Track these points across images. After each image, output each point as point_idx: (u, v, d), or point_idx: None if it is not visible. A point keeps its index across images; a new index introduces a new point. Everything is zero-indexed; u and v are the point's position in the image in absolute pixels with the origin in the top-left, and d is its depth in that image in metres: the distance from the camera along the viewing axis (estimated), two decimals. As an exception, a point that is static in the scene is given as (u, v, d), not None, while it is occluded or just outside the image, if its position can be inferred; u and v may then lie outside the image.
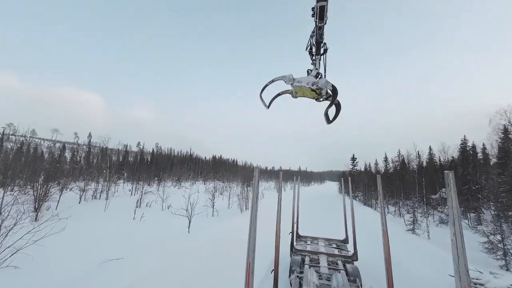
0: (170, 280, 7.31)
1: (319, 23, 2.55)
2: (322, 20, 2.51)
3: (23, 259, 7.96)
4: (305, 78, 2.68)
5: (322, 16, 2.46)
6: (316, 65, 2.93)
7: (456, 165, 25.81)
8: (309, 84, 2.58)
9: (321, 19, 2.49)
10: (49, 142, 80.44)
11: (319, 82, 2.55)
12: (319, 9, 2.38)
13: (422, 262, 10.07)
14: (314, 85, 2.55)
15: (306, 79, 2.66)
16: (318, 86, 2.53)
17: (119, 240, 11.84)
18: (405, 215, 22.55)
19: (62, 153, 44.35)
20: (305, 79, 2.66)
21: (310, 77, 2.72)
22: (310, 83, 2.59)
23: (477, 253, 11.84)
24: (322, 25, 2.59)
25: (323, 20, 2.52)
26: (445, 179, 2.12)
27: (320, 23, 2.55)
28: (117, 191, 28.08)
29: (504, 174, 17.53)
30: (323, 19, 2.50)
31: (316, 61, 2.95)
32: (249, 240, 2.89)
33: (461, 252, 1.89)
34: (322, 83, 2.53)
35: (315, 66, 2.94)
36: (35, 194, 15.56)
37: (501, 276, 7.11)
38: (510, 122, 19.85)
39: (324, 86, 2.51)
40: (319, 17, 2.47)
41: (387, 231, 4.52)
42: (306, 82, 2.62)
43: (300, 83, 2.64)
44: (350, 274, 6.57)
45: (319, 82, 2.55)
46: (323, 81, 2.53)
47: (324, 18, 2.49)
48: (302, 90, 2.68)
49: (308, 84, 2.58)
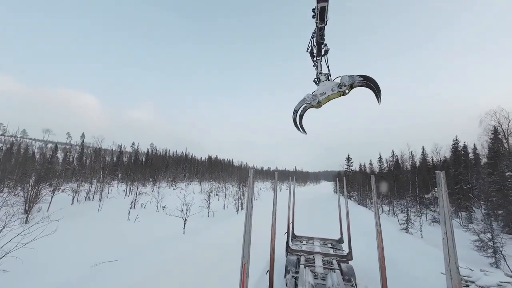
0: (166, 283, 7.23)
1: (319, 24, 2.56)
2: (323, 21, 2.52)
3: (12, 262, 7.76)
4: (325, 87, 2.63)
5: (322, 16, 2.47)
6: (318, 67, 2.93)
7: (448, 165, 26.33)
8: (335, 90, 2.54)
9: (321, 20, 2.50)
10: (40, 143, 78.77)
11: (343, 83, 2.48)
12: (320, 10, 2.38)
13: (415, 261, 10.23)
14: (340, 87, 2.50)
15: (326, 87, 2.61)
16: (346, 85, 2.47)
17: (113, 242, 11.66)
18: (398, 215, 22.89)
19: (54, 154, 43.43)
20: (325, 88, 2.62)
21: (328, 83, 2.67)
22: (335, 88, 2.54)
23: (468, 251, 12.09)
24: (322, 26, 2.59)
25: (323, 21, 2.53)
26: (437, 179, 2.16)
27: (321, 24, 2.56)
28: (111, 192, 27.65)
29: (494, 174, 17.97)
30: (324, 20, 2.51)
31: (317, 63, 2.94)
32: (244, 240, 2.88)
33: (452, 250, 1.92)
34: (346, 80, 2.47)
35: (316, 69, 2.93)
36: (26, 196, 15.19)
37: (491, 274, 7.27)
38: (499, 123, 20.37)
39: (349, 81, 2.44)
40: (320, 18, 2.48)
41: (381, 231, 4.57)
42: (330, 89, 2.57)
43: (324, 94, 2.60)
44: (345, 274, 6.62)
45: (344, 82, 2.48)
46: (346, 78, 2.47)
47: (324, 19, 2.50)
48: (328, 98, 2.64)
49: (334, 89, 2.54)
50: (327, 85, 2.64)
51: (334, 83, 2.59)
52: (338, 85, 2.52)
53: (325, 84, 2.68)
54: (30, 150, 47.30)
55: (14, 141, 42.04)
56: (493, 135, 21.33)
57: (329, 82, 2.69)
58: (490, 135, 21.66)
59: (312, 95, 2.69)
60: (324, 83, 2.71)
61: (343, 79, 2.51)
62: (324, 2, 2.30)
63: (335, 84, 2.55)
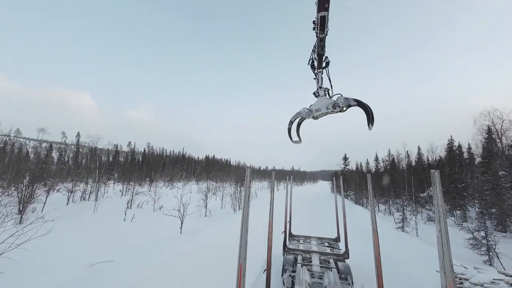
0: (163, 283, 7.19)
1: (320, 34, 2.52)
2: (323, 31, 2.47)
3: (6, 263, 7.65)
4: (321, 103, 2.65)
5: (323, 26, 2.42)
6: (319, 80, 2.92)
7: (443, 164, 26.67)
8: (329, 108, 2.57)
9: (322, 30, 2.45)
10: (35, 142, 77.62)
11: (338, 103, 2.50)
12: (320, 19, 2.33)
13: (411, 259, 10.34)
14: (335, 107, 2.53)
15: (323, 104, 2.63)
16: (340, 106, 2.50)
17: (109, 242, 11.56)
18: (394, 213, 23.13)
19: (49, 153, 42.87)
20: (321, 104, 2.64)
21: (325, 99, 2.67)
22: (329, 106, 2.57)
23: (462, 249, 12.27)
24: (323, 36, 2.55)
25: (324, 31, 2.48)
26: (431, 178, 2.18)
27: (321, 34, 2.52)
28: (107, 192, 27.39)
29: (487, 173, 18.25)
30: (324, 30, 2.47)
31: (318, 75, 2.94)
32: (240, 240, 2.88)
33: (446, 248, 1.94)
34: (341, 102, 2.48)
35: (317, 82, 2.92)
36: (20, 196, 14.96)
37: (484, 271, 7.38)
38: (493, 123, 20.67)
39: (344, 103, 2.47)
40: (320, 28, 2.43)
41: (377, 229, 4.61)
42: (325, 107, 2.60)
43: (319, 111, 2.63)
44: (341, 272, 6.66)
45: (339, 103, 2.50)
46: (341, 100, 2.49)
47: (325, 28, 2.45)
48: (323, 114, 2.67)
49: (329, 108, 2.57)
50: (324, 102, 2.65)
51: (330, 101, 2.60)
52: (333, 105, 2.55)
53: (322, 101, 2.69)
54: (24, 150, 46.60)
55: (7, 140, 41.36)
56: (487, 135, 21.66)
57: (326, 99, 2.69)
58: (484, 134, 21.99)
59: (307, 110, 2.72)
60: (321, 99, 2.72)
61: (338, 100, 2.54)
62: (324, 12, 2.24)
63: (331, 103, 2.58)
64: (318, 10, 2.24)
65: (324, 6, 2.18)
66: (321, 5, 2.18)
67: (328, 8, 2.20)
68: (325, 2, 2.14)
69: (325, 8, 2.20)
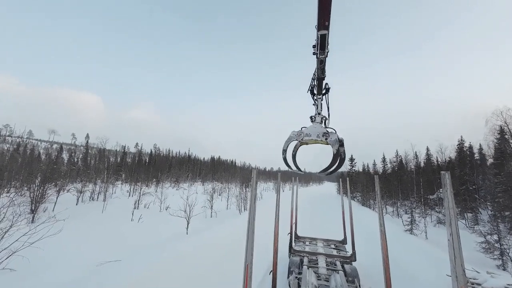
0: (170, 281, 7.27)
1: (320, 55, 2.43)
2: (324, 50, 2.38)
3: (19, 261, 7.88)
4: (314, 129, 2.65)
5: (323, 46, 2.32)
6: (318, 106, 2.89)
7: (453, 165, 25.99)
8: (320, 137, 2.58)
9: (322, 49, 2.37)
10: (46, 143, 79.87)
11: (329, 138, 2.52)
12: (320, 38, 2.23)
13: (420, 262, 10.11)
14: (324, 136, 2.55)
15: (315, 131, 2.63)
16: (328, 142, 2.52)
17: (117, 242, 11.76)
18: (403, 216, 22.65)
19: (60, 154, 44.01)
20: (313, 130, 2.64)
21: (318, 127, 2.67)
22: (320, 135, 2.58)
23: (474, 253, 11.90)
24: (323, 57, 2.46)
25: (324, 51, 2.39)
26: (442, 179, 2.14)
27: (321, 55, 2.43)
28: (115, 192, 27.89)
29: (500, 175, 17.69)
30: (325, 50, 2.38)
31: (317, 102, 2.91)
32: (247, 241, 2.89)
33: (458, 252, 1.90)
34: (332, 141, 2.49)
35: (317, 108, 2.90)
36: (32, 196, 15.40)
37: (498, 276, 7.16)
38: (506, 123, 20.04)
39: (333, 144, 2.48)
40: (320, 47, 2.34)
41: (385, 232, 4.54)
42: (316, 135, 2.61)
43: (309, 136, 2.63)
44: (348, 275, 6.58)
45: (330, 139, 2.52)
46: (333, 140, 2.49)
47: (325, 48, 2.36)
48: (313, 141, 2.68)
49: (319, 137, 2.59)
50: (317, 129, 2.64)
51: (323, 130, 2.60)
52: (324, 135, 2.55)
53: (315, 127, 2.67)
54: (36, 151, 48.02)
55: (20, 142, 42.74)
56: (500, 135, 21.01)
57: (320, 126, 2.68)
58: (496, 135, 21.34)
59: (297, 132, 2.71)
60: (315, 125, 2.71)
61: (331, 136, 2.53)
62: (325, 30, 2.13)
63: (322, 133, 2.57)
64: (318, 29, 2.13)
65: (324, 24, 2.07)
66: (321, 23, 2.06)
67: (329, 26, 2.09)
68: (325, 20, 2.02)
69: (325, 27, 2.09)
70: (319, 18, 2.01)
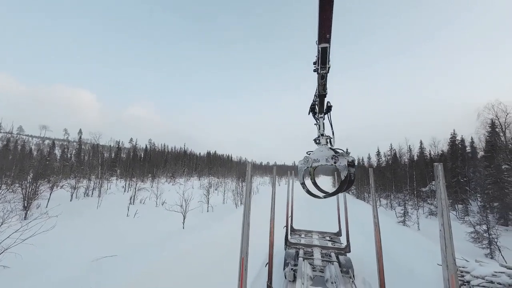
0: (166, 277, 7.30)
1: (321, 70, 2.29)
2: (325, 65, 2.24)
3: (12, 258, 7.78)
4: (321, 154, 2.53)
5: (324, 60, 2.19)
6: (320, 126, 2.77)
7: (446, 158, 26.52)
8: (328, 161, 2.45)
9: (323, 63, 2.23)
10: (37, 139, 78.12)
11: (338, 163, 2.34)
12: (321, 52, 2.11)
13: (412, 252, 10.40)
14: (333, 160, 2.40)
15: (322, 155, 2.51)
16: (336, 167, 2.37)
17: (112, 237, 11.72)
18: (396, 208, 23.15)
19: (52, 150, 43.15)
20: (321, 155, 2.52)
21: (325, 150, 2.54)
22: (329, 159, 2.44)
23: (464, 243, 12.29)
24: (324, 72, 2.32)
25: (325, 66, 2.25)
26: (434, 171, 2.15)
27: (323, 69, 2.29)
28: (110, 188, 27.66)
29: (490, 167, 18.14)
30: (326, 64, 2.24)
31: (319, 121, 2.80)
32: (242, 234, 2.89)
33: (449, 242, 1.93)
34: (341, 166, 2.33)
35: (319, 128, 2.79)
36: (24, 192, 15.14)
37: (486, 264, 7.41)
38: (497, 117, 20.42)
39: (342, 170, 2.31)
40: (321, 62, 2.21)
41: (378, 223, 4.61)
42: (324, 159, 2.46)
43: (317, 161, 2.52)
44: (343, 266, 6.71)
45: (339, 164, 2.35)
46: (342, 166, 2.32)
47: (326, 63, 2.22)
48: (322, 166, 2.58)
49: (328, 161, 2.43)
50: (324, 152, 2.51)
51: (331, 153, 2.46)
52: (333, 159, 2.41)
53: (321, 151, 2.54)
54: (27, 147, 46.97)
55: (10, 137, 41.66)
56: (491, 129, 21.42)
57: (326, 149, 2.55)
58: (488, 128, 21.75)
59: (304, 160, 2.60)
60: (321, 148, 2.59)
61: (340, 161, 2.36)
62: (326, 43, 2.00)
63: (330, 156, 2.44)
64: (318, 42, 2.01)
65: (325, 37, 1.94)
66: (322, 36, 1.93)
67: (330, 39, 1.96)
68: (326, 32, 1.89)
69: (326, 39, 1.96)
70: (320, 31, 1.89)
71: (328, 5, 1.64)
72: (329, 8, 1.66)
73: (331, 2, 1.62)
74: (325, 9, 1.67)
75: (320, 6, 1.66)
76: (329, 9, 1.66)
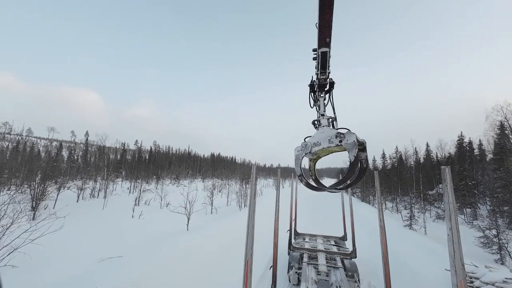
0: (171, 278, 7.33)
1: (321, 75, 2.16)
2: (325, 70, 2.10)
3: (21, 258, 7.93)
4: (322, 135, 2.01)
5: (324, 65, 2.05)
6: (320, 106, 2.33)
7: (453, 161, 26.04)
8: (332, 141, 1.92)
9: (323, 68, 2.09)
10: (45, 141, 79.71)
11: (344, 140, 1.83)
12: (321, 56, 2.00)
13: (419, 257, 10.19)
14: (338, 138, 1.88)
15: (324, 136, 1.99)
16: (344, 147, 1.86)
17: (118, 238, 11.83)
18: (402, 211, 22.78)
19: (59, 152, 43.99)
20: (322, 136, 2.00)
21: (327, 130, 2.03)
22: (332, 139, 1.91)
23: (473, 248, 12.01)
24: (324, 78, 2.19)
25: (325, 71, 2.11)
26: (442, 174, 2.13)
27: (322, 74, 2.15)
28: (115, 189, 27.99)
29: (500, 170, 17.73)
30: (326, 70, 2.09)
31: (320, 100, 2.35)
32: (247, 237, 2.89)
33: (457, 246, 1.90)
34: (349, 144, 1.80)
35: (318, 108, 2.36)
36: (32, 193, 15.45)
37: (496, 270, 7.22)
38: (506, 118, 19.99)
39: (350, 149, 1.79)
40: (321, 67, 2.08)
41: (384, 227, 4.56)
42: (327, 140, 1.95)
43: (318, 145, 2.00)
44: (348, 270, 6.63)
45: (346, 141, 1.82)
46: (351, 143, 1.80)
47: (326, 68, 2.08)
48: (326, 150, 2.06)
49: (332, 141, 1.92)
50: (325, 133, 2.00)
51: (334, 132, 1.94)
52: (337, 137, 1.88)
53: (323, 132, 2.03)
54: (36, 148, 47.96)
55: (20, 139, 42.66)
56: (500, 131, 20.98)
57: (328, 129, 2.05)
58: (496, 130, 21.31)
59: (301, 146, 2.09)
60: (322, 129, 2.07)
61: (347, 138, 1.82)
62: (326, 48, 1.92)
63: (334, 135, 1.90)
64: (318, 46, 1.94)
65: (325, 41, 1.88)
66: (321, 40, 1.87)
67: (330, 43, 1.88)
68: (326, 36, 1.84)
69: (326, 44, 1.89)
70: (320, 35, 1.84)
71: (328, 8, 1.63)
72: (329, 11, 1.65)
73: (331, 6, 1.61)
74: (325, 13, 1.66)
75: (320, 10, 1.65)
76: (329, 12, 1.65)
